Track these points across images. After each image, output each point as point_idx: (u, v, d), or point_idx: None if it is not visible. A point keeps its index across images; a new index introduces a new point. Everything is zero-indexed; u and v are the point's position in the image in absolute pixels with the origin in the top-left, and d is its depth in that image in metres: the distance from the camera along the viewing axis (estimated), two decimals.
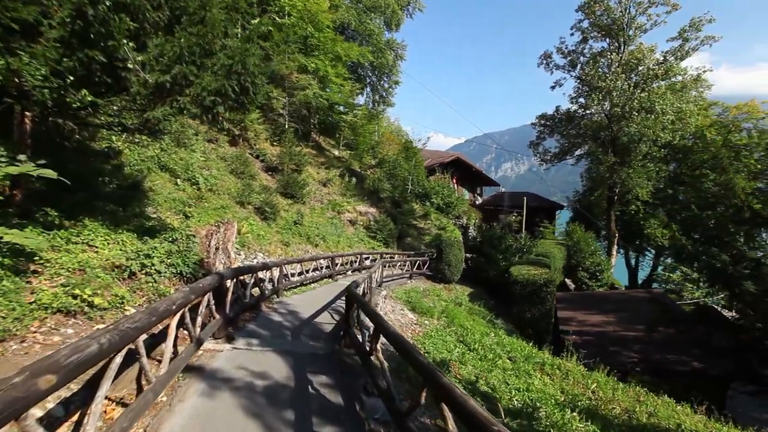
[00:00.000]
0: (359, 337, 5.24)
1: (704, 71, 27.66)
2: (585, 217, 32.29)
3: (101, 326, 4.45)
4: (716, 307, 21.61)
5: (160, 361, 3.93)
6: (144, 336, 2.93)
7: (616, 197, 30.27)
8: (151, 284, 5.98)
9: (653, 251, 33.28)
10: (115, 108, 5.16)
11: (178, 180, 11.50)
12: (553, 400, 7.06)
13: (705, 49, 27.77)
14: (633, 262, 34.93)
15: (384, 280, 14.24)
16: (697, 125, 28.16)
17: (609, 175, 29.22)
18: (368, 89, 34.45)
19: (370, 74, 33.77)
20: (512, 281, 15.77)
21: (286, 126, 21.77)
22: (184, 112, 5.25)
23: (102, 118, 5.57)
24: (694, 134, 29.24)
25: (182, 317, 3.96)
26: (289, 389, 4.18)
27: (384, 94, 34.59)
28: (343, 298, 10.54)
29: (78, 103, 4.70)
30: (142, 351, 2.84)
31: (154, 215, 8.76)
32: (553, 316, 15.65)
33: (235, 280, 6.24)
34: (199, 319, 4.56)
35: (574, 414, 6.53)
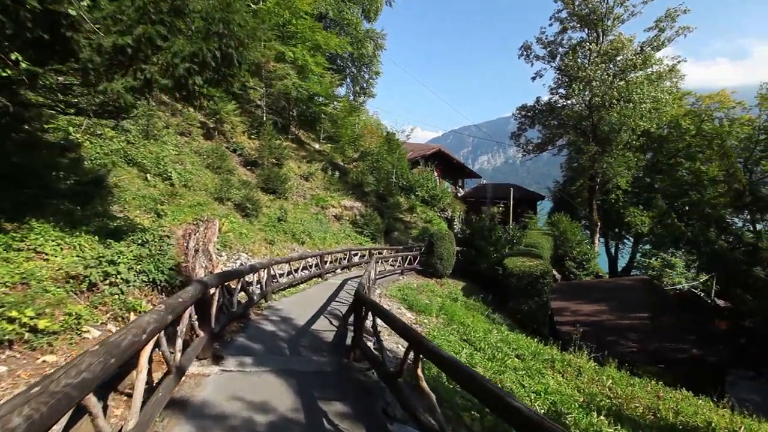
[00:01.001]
0: (375, 350, 4.45)
1: (678, 62, 28.15)
2: (567, 207, 32.52)
3: (49, 358, 3.45)
4: (695, 291, 22.19)
5: (129, 395, 3.04)
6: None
7: (597, 186, 30.58)
8: (117, 296, 4.97)
9: (632, 239, 34.00)
10: (61, 80, 4.10)
11: (148, 175, 10.30)
12: (575, 403, 6.54)
13: (672, 43, 28.24)
14: (612, 250, 35.62)
15: (376, 277, 13.49)
16: (672, 114, 28.70)
17: (590, 165, 29.40)
18: (348, 80, 33.38)
19: (350, 65, 32.69)
20: (507, 274, 15.32)
21: (264, 118, 20.50)
22: (152, 85, 4.24)
23: (46, 94, 4.49)
24: (669, 123, 29.84)
25: (157, 342, 3.07)
26: (299, 426, 3.35)
27: (365, 85, 33.62)
28: (338, 299, 9.79)
29: (9, 72, 3.65)
30: (97, 410, 1.91)
31: (121, 214, 7.65)
32: (549, 309, 15.35)
33: (220, 287, 5.31)
34: (179, 341, 3.64)
35: (602, 417, 6.03)
